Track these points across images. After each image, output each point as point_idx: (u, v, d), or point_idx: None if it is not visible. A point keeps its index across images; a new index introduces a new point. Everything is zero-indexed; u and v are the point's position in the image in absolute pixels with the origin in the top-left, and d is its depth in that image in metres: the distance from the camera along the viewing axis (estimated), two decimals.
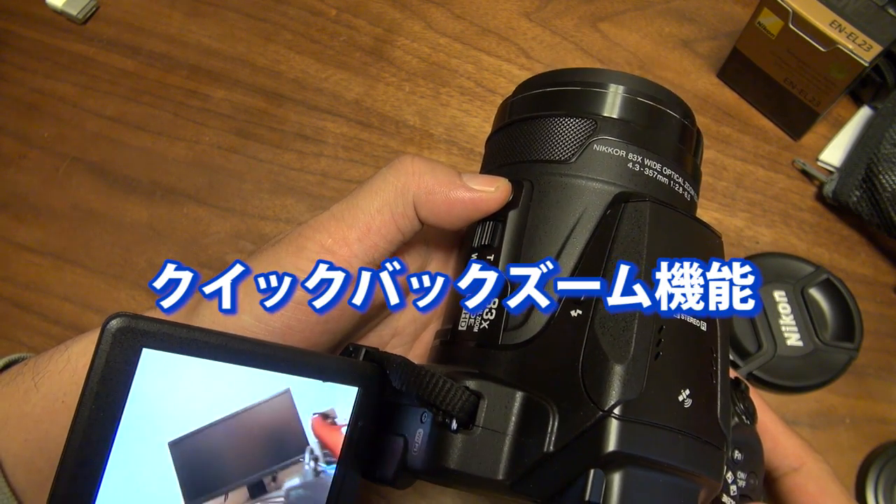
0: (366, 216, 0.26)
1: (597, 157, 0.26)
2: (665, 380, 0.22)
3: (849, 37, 0.42)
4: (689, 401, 0.22)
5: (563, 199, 0.26)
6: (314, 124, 0.50)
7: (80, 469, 0.19)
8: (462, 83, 0.52)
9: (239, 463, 0.21)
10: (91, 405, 0.19)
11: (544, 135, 0.27)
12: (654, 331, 0.22)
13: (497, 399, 0.22)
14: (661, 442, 0.21)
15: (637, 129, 0.27)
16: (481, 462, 0.22)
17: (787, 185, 0.49)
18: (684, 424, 0.22)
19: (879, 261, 0.46)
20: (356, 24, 0.54)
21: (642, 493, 0.21)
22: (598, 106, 0.27)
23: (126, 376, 0.19)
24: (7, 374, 0.26)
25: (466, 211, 0.27)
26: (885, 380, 0.43)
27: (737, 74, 0.50)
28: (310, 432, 0.23)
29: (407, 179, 0.27)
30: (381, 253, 0.27)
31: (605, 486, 0.21)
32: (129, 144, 0.50)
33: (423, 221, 0.27)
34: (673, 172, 0.27)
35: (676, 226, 0.25)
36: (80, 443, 0.19)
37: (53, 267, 0.46)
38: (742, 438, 0.27)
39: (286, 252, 0.26)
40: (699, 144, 0.30)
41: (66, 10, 0.53)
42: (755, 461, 0.27)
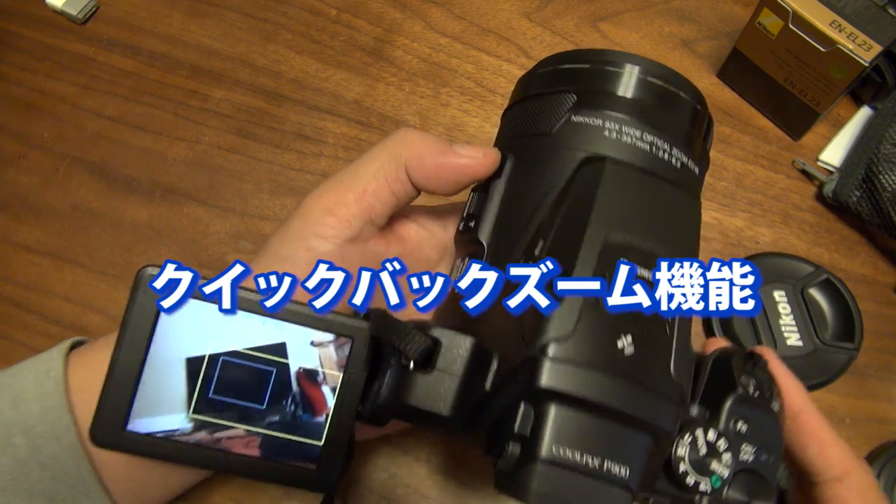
0: (362, 180, 0.29)
1: (573, 128, 0.27)
2: (602, 325, 0.23)
3: (849, 37, 0.42)
4: (629, 348, 0.22)
5: (537, 168, 0.27)
6: (314, 124, 0.50)
7: (123, 375, 0.25)
8: (462, 83, 0.52)
9: (236, 392, 0.26)
10: (129, 330, 0.25)
11: (532, 111, 0.29)
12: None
13: (451, 344, 0.25)
14: (593, 381, 0.22)
15: (620, 99, 0.27)
16: (434, 400, 0.24)
17: (787, 185, 0.49)
18: (623, 370, 0.22)
19: (879, 261, 0.47)
20: (356, 24, 0.54)
21: (573, 428, 0.22)
22: (577, 80, 0.28)
23: (153, 309, 0.25)
24: (83, 348, 0.31)
25: (455, 175, 0.29)
26: (885, 380, 0.43)
27: (737, 74, 0.50)
28: (295, 382, 0.26)
29: (401, 146, 0.29)
30: (377, 214, 0.30)
31: (533, 419, 0.22)
32: (129, 144, 0.50)
33: (415, 186, 0.30)
34: (657, 139, 0.27)
35: (638, 186, 0.26)
36: (123, 358, 0.25)
37: (53, 267, 0.46)
38: (750, 412, 0.26)
39: (295, 219, 0.30)
40: (700, 117, 0.29)
41: (66, 10, 0.53)
42: (769, 438, 0.26)
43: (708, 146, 0.30)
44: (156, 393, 0.26)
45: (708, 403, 0.26)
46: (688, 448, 0.24)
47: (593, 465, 0.21)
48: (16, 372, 0.30)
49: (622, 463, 0.22)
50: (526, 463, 0.22)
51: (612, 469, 0.22)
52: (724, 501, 0.25)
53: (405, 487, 0.40)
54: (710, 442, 0.25)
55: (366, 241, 0.31)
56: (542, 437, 0.21)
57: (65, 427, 0.28)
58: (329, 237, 0.29)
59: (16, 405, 0.29)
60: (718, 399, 0.26)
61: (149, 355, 0.26)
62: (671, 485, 0.25)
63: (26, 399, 0.29)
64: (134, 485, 0.30)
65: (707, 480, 0.24)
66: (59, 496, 0.29)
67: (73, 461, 0.28)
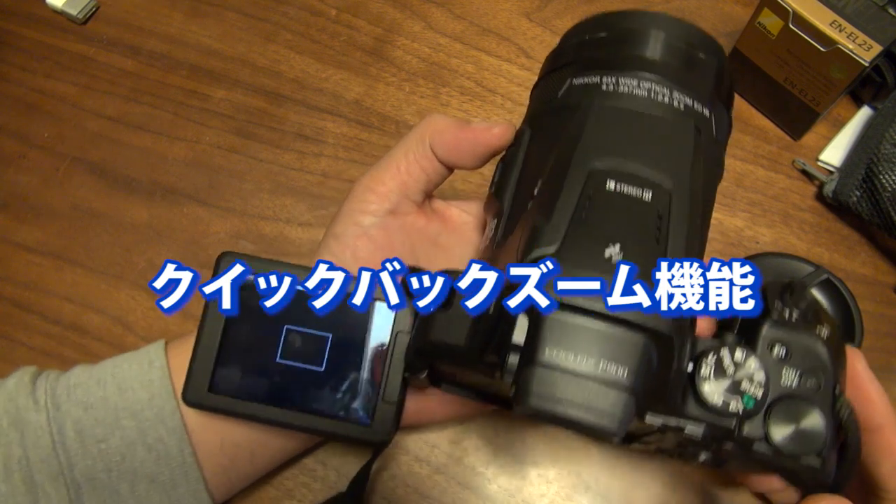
0: (395, 160, 0.34)
1: (574, 90, 0.29)
2: (588, 237, 0.24)
3: (849, 37, 0.42)
4: (617, 256, 0.23)
5: (544, 132, 0.29)
6: (314, 124, 0.50)
7: (208, 344, 0.31)
8: (462, 83, 0.52)
9: (302, 357, 0.31)
10: (211, 306, 0.30)
11: (542, 88, 0.32)
12: (582, 198, 0.24)
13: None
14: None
15: (617, 57, 0.29)
16: (451, 333, 0.26)
17: (787, 185, 0.49)
18: (611, 275, 0.23)
19: (879, 261, 0.46)
20: (356, 24, 0.54)
21: (567, 333, 0.22)
22: (579, 51, 0.30)
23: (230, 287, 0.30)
24: (177, 341, 0.34)
25: (471, 146, 0.33)
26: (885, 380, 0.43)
27: (737, 74, 0.50)
28: (368, 356, 0.31)
29: (425, 128, 0.33)
30: (411, 189, 0.34)
31: (529, 328, 0.23)
32: (129, 144, 0.50)
33: (442, 162, 0.33)
34: (655, 86, 0.27)
35: (627, 120, 0.27)
36: (207, 330, 0.31)
37: (53, 267, 0.46)
38: (790, 336, 0.26)
39: (345, 202, 0.34)
40: (699, 60, 0.30)
41: (66, 10, 0.53)
42: (815, 363, 0.26)
43: (724, 91, 0.30)
44: (237, 359, 0.31)
45: (745, 334, 0.26)
46: (712, 368, 0.24)
47: (588, 366, 0.22)
48: (116, 363, 0.33)
49: (619, 364, 0.22)
50: (524, 369, 0.22)
51: (608, 369, 0.22)
52: (765, 425, 0.25)
53: (405, 487, 0.40)
54: (738, 362, 0.24)
55: (405, 214, 0.34)
56: (538, 342, 0.22)
57: (170, 412, 0.32)
58: (371, 212, 0.33)
59: (122, 392, 0.32)
60: (755, 327, 0.26)
61: (230, 328, 0.31)
62: (701, 408, 0.25)
63: (133, 387, 0.32)
64: (225, 460, 0.33)
65: (738, 399, 0.24)
66: (161, 477, 0.32)
67: (176, 443, 0.32)
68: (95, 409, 0.32)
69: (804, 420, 0.25)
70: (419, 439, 0.41)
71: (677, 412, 0.25)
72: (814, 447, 0.25)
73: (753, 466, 0.28)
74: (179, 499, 0.32)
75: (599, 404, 0.22)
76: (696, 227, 0.25)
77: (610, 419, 0.22)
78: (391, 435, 0.30)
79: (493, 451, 0.41)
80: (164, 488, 0.32)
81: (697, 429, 0.25)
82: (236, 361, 0.31)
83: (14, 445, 0.31)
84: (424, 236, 0.35)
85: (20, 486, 0.30)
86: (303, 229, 0.47)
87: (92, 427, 0.31)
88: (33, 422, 0.31)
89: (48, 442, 0.31)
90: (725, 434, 0.25)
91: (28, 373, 0.33)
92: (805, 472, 0.26)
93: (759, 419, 0.25)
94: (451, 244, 0.36)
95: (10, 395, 0.32)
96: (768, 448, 0.25)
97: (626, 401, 0.22)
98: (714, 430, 0.25)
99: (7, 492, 0.30)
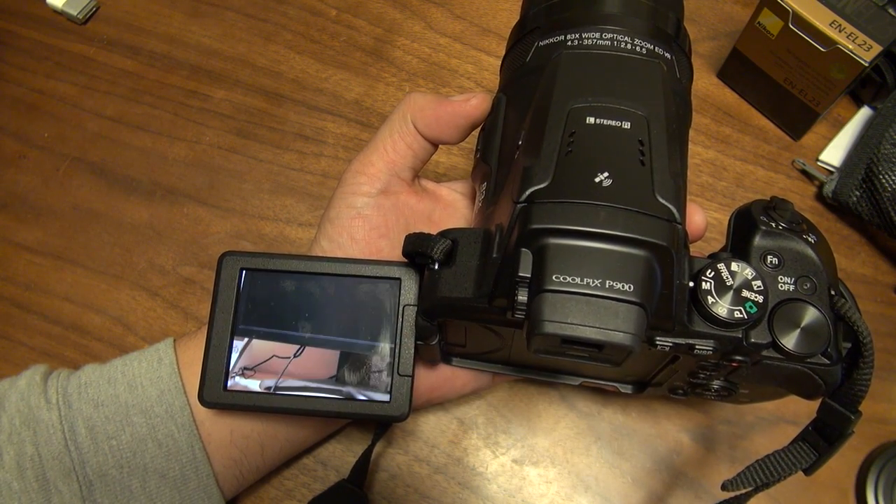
0: (381, 141, 0.35)
1: (540, 51, 0.30)
2: (577, 168, 0.24)
3: (849, 37, 0.42)
4: (607, 181, 0.24)
5: (519, 95, 0.30)
6: (314, 124, 0.50)
7: (219, 345, 0.31)
8: (462, 83, 0.52)
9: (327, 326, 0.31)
10: (218, 306, 0.31)
11: (511, 56, 0.33)
12: (565, 135, 0.25)
13: (467, 240, 0.27)
14: (578, 212, 0.23)
15: (578, 16, 0.30)
16: (459, 287, 0.27)
17: (787, 185, 0.49)
18: (604, 198, 0.23)
19: (879, 261, 0.46)
20: (356, 24, 0.54)
21: (570, 257, 0.23)
22: (540, 17, 0.32)
23: (235, 282, 0.31)
24: (184, 338, 0.35)
25: (452, 118, 0.33)
26: (885, 380, 0.43)
27: (737, 74, 0.50)
28: (395, 324, 0.31)
29: (406, 106, 0.34)
30: (399, 167, 0.34)
31: (533, 260, 0.23)
32: (129, 144, 0.50)
33: (425, 137, 0.34)
34: (617, 35, 0.29)
35: (596, 62, 0.28)
36: (217, 330, 0.31)
37: (53, 267, 0.46)
38: (780, 244, 0.28)
39: (337, 186, 0.35)
40: (657, 13, 0.31)
41: (66, 10, 0.53)
42: (808, 266, 0.27)
43: (683, 38, 0.33)
44: (248, 353, 0.31)
45: (737, 251, 0.28)
46: (712, 283, 0.25)
47: (595, 286, 0.22)
48: (126, 361, 0.34)
49: (624, 280, 0.22)
50: (534, 299, 0.23)
51: (615, 286, 0.22)
52: (771, 332, 0.26)
53: (405, 487, 0.40)
54: (734, 272, 0.25)
55: (397, 193, 0.35)
56: (544, 270, 0.23)
57: (180, 407, 0.32)
58: (363, 193, 0.34)
59: (132, 389, 0.33)
60: (746, 242, 0.28)
61: (238, 325, 0.31)
62: (707, 322, 0.25)
63: (142, 384, 0.33)
64: (236, 452, 0.34)
65: (741, 308, 0.25)
66: (171, 473, 0.32)
67: (186, 439, 0.32)
68: (106, 407, 0.32)
69: (806, 320, 0.26)
70: (419, 439, 0.41)
71: (685, 333, 0.26)
72: (820, 344, 0.26)
73: (766, 382, 0.29)
74: (190, 494, 0.33)
75: (612, 321, 0.22)
76: (676, 150, 0.26)
77: (623, 334, 0.22)
78: (409, 408, 0.31)
79: (492, 451, 0.41)
80: (174, 483, 0.32)
81: (707, 345, 0.26)
82: (251, 354, 0.31)
83: (27, 443, 0.31)
84: (417, 214, 0.36)
85: (33, 483, 0.31)
86: (303, 229, 0.47)
87: (103, 424, 0.32)
88: (45, 420, 0.31)
89: (60, 440, 0.31)
90: (735, 345, 0.26)
91: (39, 372, 0.34)
92: (817, 371, 0.27)
93: (763, 327, 0.26)
94: (445, 219, 0.37)
95: (22, 394, 0.32)
96: (777, 355, 0.26)
97: (637, 314, 0.22)
98: (723, 343, 0.26)
99: (20, 489, 0.30)
